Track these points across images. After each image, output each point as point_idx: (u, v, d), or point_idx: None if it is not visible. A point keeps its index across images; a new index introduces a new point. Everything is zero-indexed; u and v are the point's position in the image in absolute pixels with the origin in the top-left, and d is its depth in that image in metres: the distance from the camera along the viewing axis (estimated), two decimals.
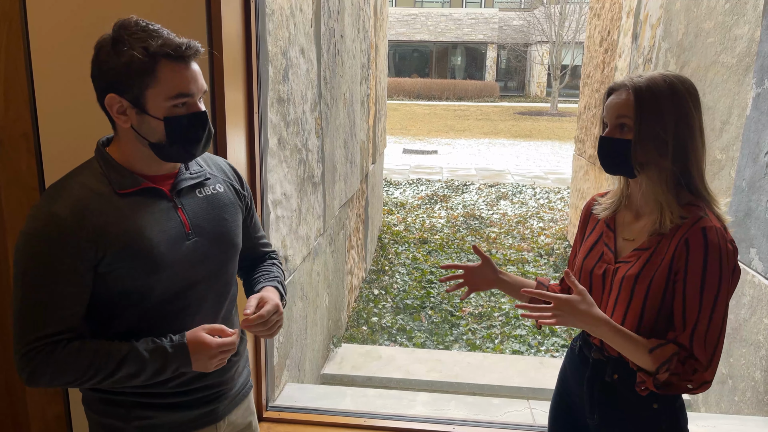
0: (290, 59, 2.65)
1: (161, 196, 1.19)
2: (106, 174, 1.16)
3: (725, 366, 2.99)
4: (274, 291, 1.34)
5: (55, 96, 1.78)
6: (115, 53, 1.09)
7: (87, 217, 1.11)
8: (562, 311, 1.24)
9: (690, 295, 1.23)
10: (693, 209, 1.28)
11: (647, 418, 1.35)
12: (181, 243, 1.19)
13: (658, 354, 1.24)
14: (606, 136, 1.32)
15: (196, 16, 1.75)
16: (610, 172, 1.36)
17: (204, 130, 1.17)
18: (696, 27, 3.59)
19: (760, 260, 2.70)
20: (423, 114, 20.93)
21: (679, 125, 1.26)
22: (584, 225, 1.53)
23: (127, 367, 1.13)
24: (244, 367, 1.42)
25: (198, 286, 1.23)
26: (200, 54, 1.15)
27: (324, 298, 3.73)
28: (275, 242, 2.52)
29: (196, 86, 1.14)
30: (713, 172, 3.20)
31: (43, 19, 1.75)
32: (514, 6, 33.49)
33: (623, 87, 1.30)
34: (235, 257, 1.32)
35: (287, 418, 2.47)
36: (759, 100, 2.77)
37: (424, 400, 2.85)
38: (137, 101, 1.11)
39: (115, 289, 1.14)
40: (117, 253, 1.12)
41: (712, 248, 1.22)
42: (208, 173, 1.30)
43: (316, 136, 3.28)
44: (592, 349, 1.43)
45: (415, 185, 9.86)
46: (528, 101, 26.94)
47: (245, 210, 1.39)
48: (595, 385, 1.41)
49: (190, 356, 1.16)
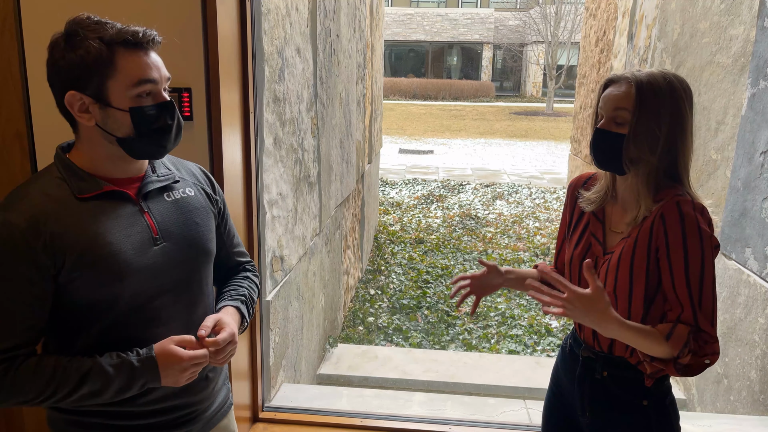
0: (286, 59, 2.64)
1: (125, 200, 1.13)
2: (65, 179, 1.10)
3: (721, 365, 2.99)
4: (234, 313, 1.26)
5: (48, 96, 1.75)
6: (70, 48, 1.04)
7: (43, 224, 1.04)
8: (574, 306, 1.19)
9: (676, 269, 1.23)
10: (669, 191, 1.28)
11: (637, 416, 1.35)
12: (147, 248, 1.13)
13: (676, 338, 1.22)
14: (601, 128, 1.30)
15: (191, 16, 1.75)
16: (602, 167, 1.35)
17: (173, 119, 1.12)
18: (691, 27, 3.60)
19: (755, 260, 2.71)
20: (419, 114, 20.93)
21: (672, 123, 1.26)
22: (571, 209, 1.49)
23: (90, 384, 1.06)
24: (224, 384, 1.35)
25: (167, 294, 1.16)
26: (158, 43, 1.10)
27: (320, 298, 3.73)
28: (271, 242, 2.51)
29: (158, 73, 1.09)
30: (708, 172, 3.21)
31: (37, 18, 1.74)
32: (510, 6, 33.54)
33: (624, 79, 1.29)
34: (208, 264, 1.26)
35: (283, 419, 2.46)
36: (754, 100, 2.78)
37: (420, 400, 2.85)
38: (99, 95, 1.06)
39: (79, 299, 1.08)
40: (77, 261, 1.06)
41: (688, 220, 1.22)
42: (177, 176, 1.24)
43: (312, 135, 3.27)
44: (581, 347, 1.42)
45: (411, 185, 9.86)
46: (524, 101, 26.97)
47: (218, 216, 1.32)
48: (585, 383, 1.41)
49: (159, 370, 1.09)
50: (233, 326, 1.20)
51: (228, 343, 1.16)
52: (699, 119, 3.30)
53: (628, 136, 1.26)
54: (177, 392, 1.20)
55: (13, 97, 1.82)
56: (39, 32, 1.74)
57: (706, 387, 3.16)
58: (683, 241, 1.22)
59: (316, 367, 3.66)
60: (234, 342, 1.18)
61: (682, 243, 1.22)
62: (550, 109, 22.20)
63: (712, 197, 3.14)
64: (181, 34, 1.75)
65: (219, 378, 1.33)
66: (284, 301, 2.78)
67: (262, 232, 2.35)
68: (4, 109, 1.83)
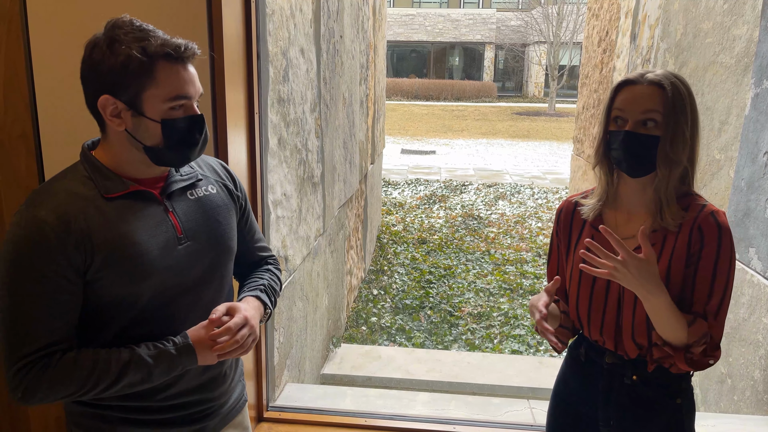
0: (290, 59, 2.65)
1: (151, 200, 1.15)
2: (91, 178, 1.11)
3: (724, 365, 2.99)
4: (253, 301, 1.26)
5: (55, 96, 1.77)
6: (111, 53, 1.04)
7: (73, 222, 1.05)
8: (628, 270, 1.16)
9: (702, 276, 1.24)
10: (690, 199, 1.29)
11: (671, 416, 1.34)
12: (173, 248, 1.14)
13: (697, 327, 1.23)
14: (631, 131, 1.24)
15: (196, 17, 1.75)
16: (634, 173, 1.27)
17: (201, 134, 1.13)
18: (694, 27, 3.60)
19: (759, 260, 2.71)
20: (421, 114, 20.93)
21: (693, 125, 1.27)
22: (567, 231, 1.43)
23: (132, 374, 1.08)
24: (239, 381, 1.37)
25: (189, 292, 1.18)
26: (198, 55, 1.11)
27: (324, 299, 3.73)
28: (275, 242, 2.52)
29: (194, 88, 1.11)
30: (712, 172, 3.21)
31: (43, 19, 1.75)
32: (512, 6, 33.52)
33: (645, 80, 1.25)
34: (229, 261, 1.27)
35: (288, 419, 2.47)
36: (757, 100, 2.77)
37: (424, 400, 2.85)
38: (133, 103, 1.07)
39: (105, 297, 1.09)
40: (104, 260, 1.07)
41: (724, 231, 1.24)
42: (200, 174, 1.25)
43: (315, 136, 3.28)
44: (605, 354, 1.38)
45: (413, 185, 9.86)
46: (526, 101, 26.95)
47: (240, 211, 1.33)
48: (612, 391, 1.37)
49: (196, 356, 1.13)
50: (248, 312, 1.20)
51: (242, 327, 1.16)
52: (702, 119, 3.29)
53: (665, 138, 1.23)
54: (195, 388, 1.22)
55: (19, 97, 1.82)
56: (45, 33, 1.75)
57: (709, 387, 3.16)
58: (717, 253, 1.24)
59: (319, 366, 3.67)
60: (250, 326, 1.18)
61: (715, 255, 1.24)
62: (552, 110, 22.18)
63: (715, 197, 3.13)
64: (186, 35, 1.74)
65: (235, 374, 1.34)
66: (288, 301, 2.79)
67: (266, 233, 2.36)
68: (10, 109, 1.83)
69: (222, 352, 1.13)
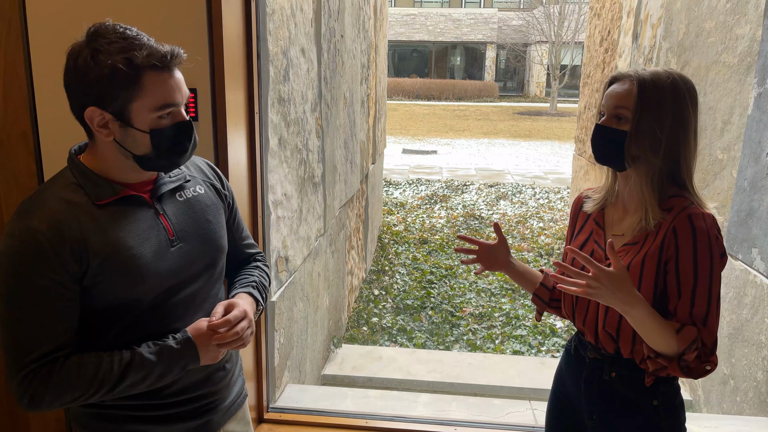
0: (291, 59, 2.64)
1: (142, 204, 1.15)
2: (81, 184, 1.10)
3: (727, 366, 2.98)
4: (246, 297, 1.28)
5: (54, 96, 1.77)
6: (96, 64, 1.02)
7: (66, 230, 1.05)
8: (601, 284, 1.17)
9: (684, 286, 1.22)
10: (678, 200, 1.28)
11: (648, 416, 1.34)
12: (165, 251, 1.15)
13: (685, 334, 1.21)
14: (602, 124, 1.31)
15: (196, 16, 1.74)
16: (601, 162, 1.35)
17: (190, 140, 1.13)
18: (697, 27, 3.58)
19: (762, 260, 2.69)
20: (422, 114, 20.92)
21: (674, 124, 1.25)
22: (574, 221, 1.51)
23: (134, 374, 1.09)
24: (239, 376, 1.39)
25: (183, 292, 1.19)
26: (183, 60, 1.10)
27: (324, 299, 3.72)
28: (276, 243, 2.51)
29: (181, 95, 1.10)
30: (714, 172, 3.19)
31: (42, 19, 1.75)
32: (514, 6, 33.50)
33: (627, 77, 1.29)
34: (221, 260, 1.29)
35: (289, 420, 2.46)
36: (760, 99, 2.76)
37: (425, 400, 2.84)
38: (121, 114, 1.05)
39: (102, 302, 1.10)
40: (100, 266, 1.07)
41: (700, 233, 1.22)
42: (188, 175, 1.25)
43: (316, 136, 3.27)
44: (588, 349, 1.41)
45: (414, 185, 9.85)
46: (527, 101, 26.93)
47: (227, 209, 1.34)
48: (593, 385, 1.40)
49: (197, 350, 1.14)
50: (244, 305, 1.22)
51: (241, 319, 1.18)
52: (705, 119, 3.29)
53: (630, 134, 1.26)
54: (199, 382, 1.24)
55: (19, 97, 1.82)
56: (44, 34, 1.75)
57: (712, 388, 3.14)
58: (694, 258, 1.22)
59: (320, 367, 3.66)
60: (248, 319, 1.20)
61: (692, 261, 1.22)
62: (553, 109, 22.17)
63: (718, 197, 3.12)
64: (186, 35, 1.75)
65: (235, 368, 1.37)
66: (289, 301, 2.78)
67: (267, 233, 2.35)
68: (10, 109, 1.83)
69: (222, 341, 1.15)
